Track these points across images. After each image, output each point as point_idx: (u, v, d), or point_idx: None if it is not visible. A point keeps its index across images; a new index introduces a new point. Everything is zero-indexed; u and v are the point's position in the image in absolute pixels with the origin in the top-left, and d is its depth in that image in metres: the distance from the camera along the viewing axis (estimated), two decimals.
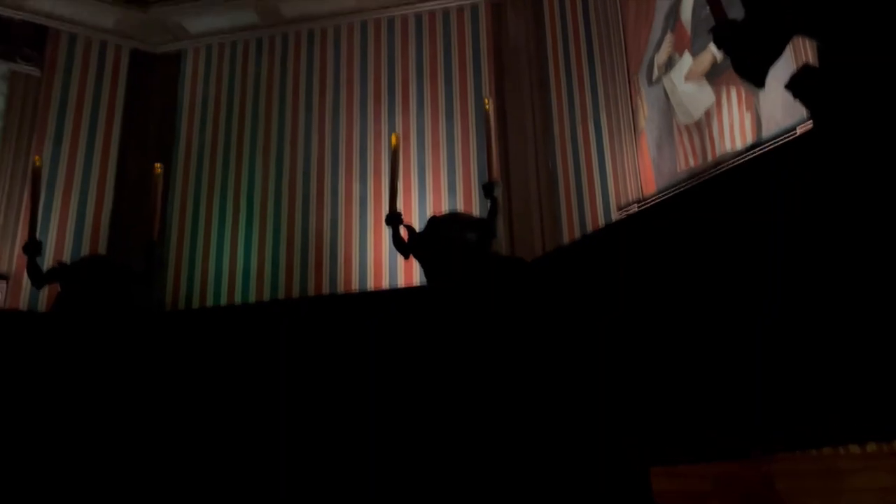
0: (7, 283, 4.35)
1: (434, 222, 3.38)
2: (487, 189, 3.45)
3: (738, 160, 3.00)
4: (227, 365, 2.97)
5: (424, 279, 3.42)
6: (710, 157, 3.21)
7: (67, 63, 4.93)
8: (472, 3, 4.78)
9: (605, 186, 3.81)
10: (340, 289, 4.30)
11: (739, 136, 3.06)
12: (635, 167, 3.64)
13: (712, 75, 3.24)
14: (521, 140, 4.41)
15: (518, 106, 4.50)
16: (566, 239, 3.99)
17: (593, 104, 4.00)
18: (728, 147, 3.12)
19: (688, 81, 3.39)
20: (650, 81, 3.63)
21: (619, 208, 3.68)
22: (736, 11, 1.53)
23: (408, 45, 4.86)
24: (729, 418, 1.61)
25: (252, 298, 4.49)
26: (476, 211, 4.03)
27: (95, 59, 5.04)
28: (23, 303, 4.34)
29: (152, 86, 5.20)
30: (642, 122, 3.66)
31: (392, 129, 4.59)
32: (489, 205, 3.41)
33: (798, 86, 1.41)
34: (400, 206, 3.44)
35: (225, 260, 4.69)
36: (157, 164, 3.59)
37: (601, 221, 3.78)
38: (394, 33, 4.91)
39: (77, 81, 4.93)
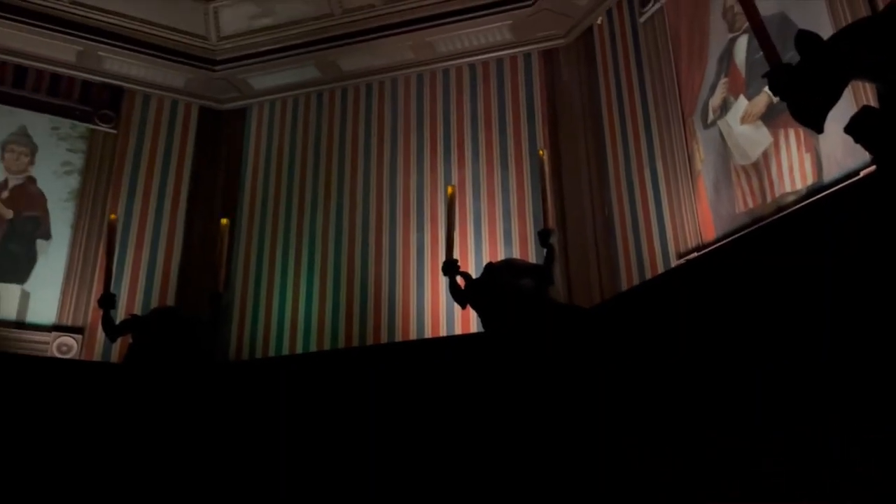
0: (82, 335, 4.53)
1: (490, 269, 3.39)
2: (543, 236, 3.45)
3: (799, 204, 2.93)
4: (291, 411, 3.02)
5: (481, 328, 3.43)
6: (769, 198, 3.15)
7: (141, 121, 5.22)
8: (524, 52, 4.85)
9: (663, 231, 3.76)
10: (399, 337, 4.32)
11: (799, 177, 3.00)
12: (693, 211, 3.59)
13: (769, 117, 3.20)
14: (577, 187, 4.41)
15: (572, 153, 4.51)
16: (624, 286, 3.93)
17: (648, 149, 3.99)
18: (788, 188, 3.06)
19: (744, 124, 3.35)
20: (705, 124, 3.60)
21: (679, 254, 3.62)
22: (790, 52, 1.53)
23: (462, 95, 4.94)
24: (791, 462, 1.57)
25: (313, 348, 4.54)
26: (533, 259, 4.03)
27: (167, 117, 5.32)
28: (96, 355, 4.50)
29: (219, 141, 5.45)
30: (699, 165, 3.63)
31: (448, 179, 4.65)
32: (545, 252, 3.41)
33: (858, 128, 1.39)
34: (456, 255, 3.48)
35: (287, 310, 4.79)
36: (224, 219, 3.75)
37: (660, 267, 3.72)
38: (449, 84, 5.01)
39: (150, 139, 5.21)
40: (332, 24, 5.09)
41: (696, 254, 3.46)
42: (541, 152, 3.72)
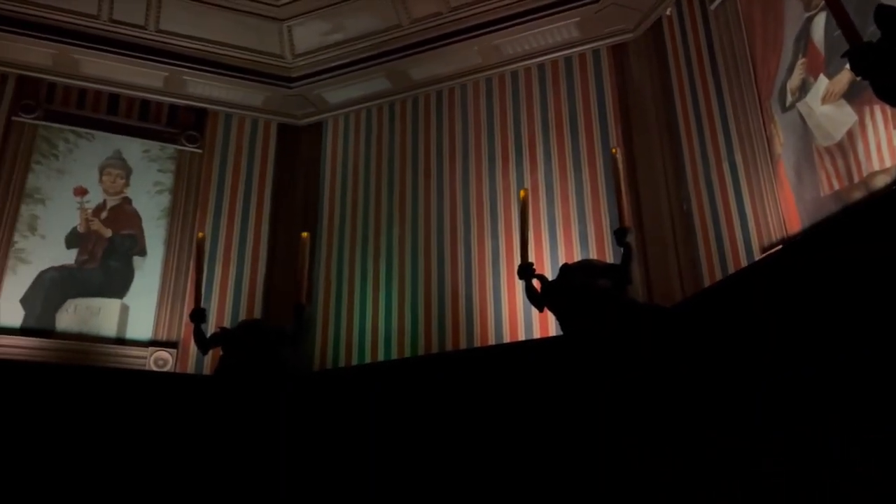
0: (177, 349, 4.76)
1: (566, 270, 3.35)
2: (619, 235, 3.40)
3: (889, 182, 2.77)
4: (375, 419, 3.08)
5: (560, 331, 3.40)
6: (856, 178, 2.99)
7: (224, 140, 5.46)
8: (593, 49, 4.78)
9: (745, 223, 3.63)
10: (477, 343, 4.32)
11: (888, 154, 2.84)
12: (775, 199, 3.45)
13: (852, 95, 3.04)
14: (652, 183, 4.31)
15: (646, 149, 4.40)
16: (707, 283, 3.81)
17: (725, 138, 3.86)
18: (876, 166, 2.89)
19: (825, 103, 3.20)
20: (784, 108, 3.46)
21: (762, 247, 3.49)
22: (871, 27, 1.46)
23: (532, 97, 4.91)
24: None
25: (394, 356, 4.59)
26: (610, 260, 3.96)
27: (248, 135, 5.54)
28: (190, 368, 4.71)
29: (298, 156, 5.62)
30: (778, 150, 3.49)
31: (521, 183, 4.62)
32: (622, 252, 3.35)
33: None
34: (532, 259, 3.47)
35: (368, 320, 4.86)
36: (304, 233, 3.87)
37: (743, 260, 3.59)
38: (518, 87, 4.99)
39: (233, 156, 5.43)
40: (401, 34, 5.17)
41: (780, 243, 3.32)
42: (614, 150, 3.67)
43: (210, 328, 4.19)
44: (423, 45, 5.13)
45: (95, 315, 4.73)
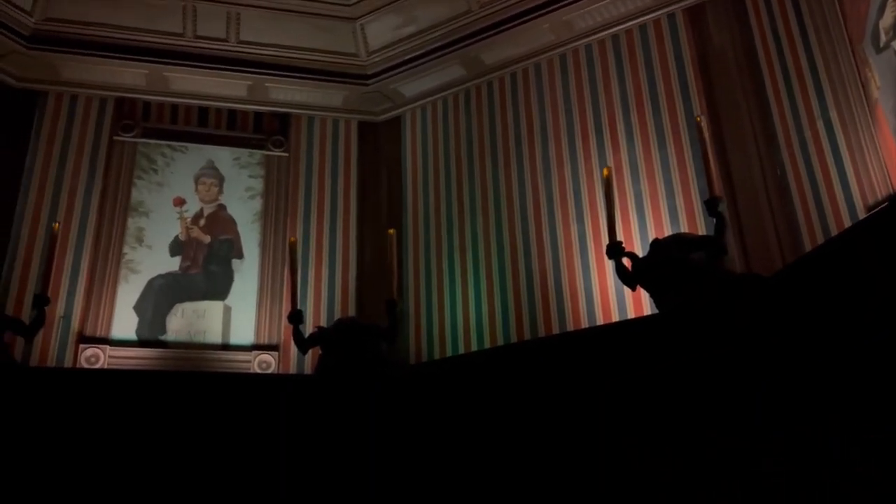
0: (278, 351, 4.95)
1: (657, 245, 3.28)
2: (710, 205, 3.30)
3: None
4: (476, 409, 3.12)
5: (655, 309, 3.32)
6: None
7: (308, 142, 5.63)
8: (668, 12, 4.62)
9: (845, 181, 3.42)
10: (570, 327, 4.27)
11: None
12: (877, 151, 3.25)
13: None
14: (742, 150, 4.12)
15: (733, 114, 4.22)
16: (807, 247, 3.64)
17: (816, 91, 3.65)
18: None
19: None
20: (877, 49, 3.25)
21: (867, 206, 3.30)
22: None
23: (608, 70, 4.80)
24: None
25: (487, 345, 4.60)
26: (703, 234, 3.83)
27: (330, 135, 5.69)
28: (292, 368, 4.87)
29: (379, 153, 5.73)
30: (875, 94, 3.28)
31: (603, 163, 4.51)
32: (715, 223, 3.24)
33: None
34: (620, 238, 3.40)
35: (459, 311, 4.88)
36: (391, 229, 3.95)
37: (846, 222, 3.41)
38: (593, 60, 4.89)
39: (317, 157, 5.60)
40: (472, 19, 5.16)
41: (885, 203, 3.13)
42: (698, 118, 3.55)
43: (307, 328, 4.31)
44: (494, 27, 5.10)
45: (201, 317, 5.00)
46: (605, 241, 3.46)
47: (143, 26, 5.24)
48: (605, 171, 3.47)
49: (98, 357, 4.67)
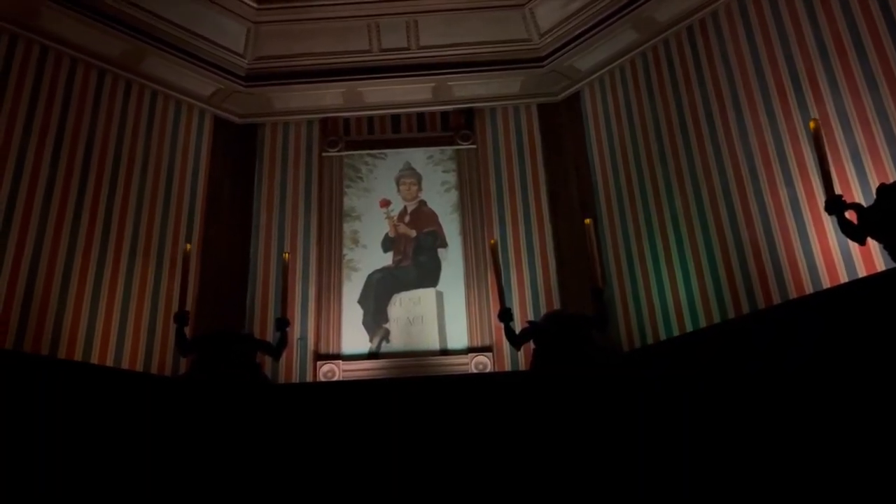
0: (492, 353, 5.22)
1: (885, 191, 3.05)
2: None
3: None
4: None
5: (891, 262, 3.08)
6: None
7: (493, 132, 5.93)
8: None
9: None
10: (792, 294, 4.11)
11: None
12: None
13: None
14: None
15: None
16: None
17: None
18: None
19: None
20: None
21: None
22: None
23: (796, 10, 4.49)
24: None
25: (702, 324, 4.52)
26: None
27: (513, 123, 5.94)
28: (507, 366, 5.11)
29: (562, 134, 5.87)
30: None
31: (806, 117, 4.29)
32: None
33: None
34: (837, 191, 3.22)
35: (667, 292, 4.81)
36: (587, 219, 3.95)
37: None
38: (777, 2, 4.60)
39: (503, 145, 5.88)
40: None
41: None
42: None
43: (518, 326, 4.46)
44: None
45: (417, 304, 5.49)
46: (821, 199, 3.29)
47: (336, 49, 5.75)
48: (812, 124, 3.30)
49: (333, 371, 5.24)
